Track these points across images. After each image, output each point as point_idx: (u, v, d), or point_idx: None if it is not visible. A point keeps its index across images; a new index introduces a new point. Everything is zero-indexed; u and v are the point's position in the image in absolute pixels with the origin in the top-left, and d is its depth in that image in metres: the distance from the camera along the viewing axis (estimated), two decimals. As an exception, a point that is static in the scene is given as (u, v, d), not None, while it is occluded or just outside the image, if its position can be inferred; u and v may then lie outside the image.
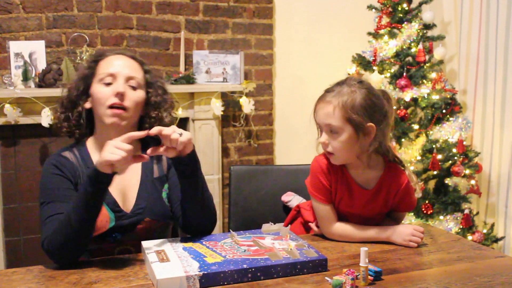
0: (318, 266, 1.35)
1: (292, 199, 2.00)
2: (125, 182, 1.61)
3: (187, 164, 1.48)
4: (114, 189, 1.56)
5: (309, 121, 1.67)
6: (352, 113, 1.52)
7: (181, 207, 1.59)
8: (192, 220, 1.57)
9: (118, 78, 1.60)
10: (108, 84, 1.60)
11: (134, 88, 1.62)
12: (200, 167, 1.55)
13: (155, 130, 1.40)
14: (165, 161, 1.69)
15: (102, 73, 1.61)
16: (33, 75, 2.87)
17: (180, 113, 3.11)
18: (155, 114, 1.67)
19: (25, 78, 2.84)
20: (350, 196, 1.63)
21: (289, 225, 1.71)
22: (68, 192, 1.54)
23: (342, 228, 1.62)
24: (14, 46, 2.87)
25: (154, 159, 1.68)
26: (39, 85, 2.84)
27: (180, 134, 1.41)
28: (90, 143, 1.66)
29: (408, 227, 1.60)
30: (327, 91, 1.60)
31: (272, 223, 1.49)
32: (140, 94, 1.63)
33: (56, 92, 2.82)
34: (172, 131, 1.41)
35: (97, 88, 1.60)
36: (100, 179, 1.37)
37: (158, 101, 1.68)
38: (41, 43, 2.92)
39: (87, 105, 1.64)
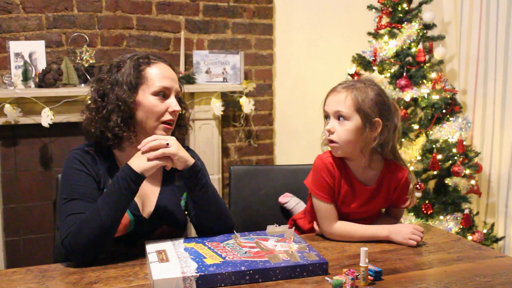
0: (319, 269, 1.34)
1: (289, 200, 1.99)
2: (146, 187, 1.59)
3: (187, 178, 1.52)
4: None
5: (309, 121, 1.67)
6: (363, 104, 1.56)
7: (195, 218, 1.61)
8: (207, 230, 1.58)
9: (171, 93, 1.58)
10: (162, 97, 1.57)
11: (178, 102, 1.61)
12: (206, 180, 1.56)
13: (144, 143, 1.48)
14: None
15: (157, 86, 1.55)
16: (33, 75, 2.87)
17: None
18: (180, 121, 1.67)
19: (25, 78, 2.84)
20: (352, 193, 1.65)
21: (294, 227, 1.71)
22: (92, 192, 1.52)
23: (342, 227, 1.63)
24: (14, 46, 2.87)
25: None
26: (39, 85, 2.84)
27: (167, 144, 1.48)
28: (117, 147, 1.61)
29: (408, 226, 1.61)
30: (340, 84, 1.64)
31: (277, 225, 1.49)
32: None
33: (56, 92, 2.83)
34: (154, 139, 1.48)
35: (151, 101, 1.55)
36: (138, 183, 1.44)
37: (185, 109, 1.69)
38: (41, 43, 2.92)
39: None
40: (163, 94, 1.56)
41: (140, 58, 1.59)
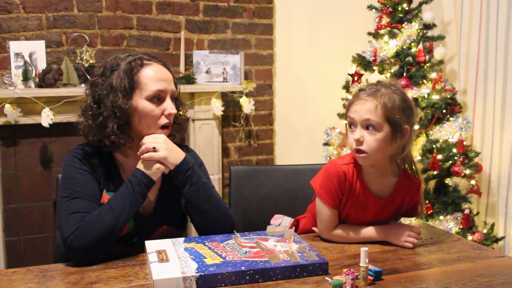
0: (319, 269, 1.34)
1: (282, 221, 1.94)
2: None
3: (176, 175, 1.55)
4: None
5: (309, 121, 1.65)
6: (393, 112, 1.50)
7: (191, 218, 1.62)
8: (205, 229, 1.59)
9: (166, 96, 1.56)
10: (157, 101, 1.54)
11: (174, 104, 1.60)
12: (198, 178, 1.56)
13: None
14: None
15: (151, 90, 1.52)
16: (33, 75, 2.87)
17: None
18: (175, 119, 1.66)
19: (25, 78, 2.84)
20: (363, 206, 1.60)
21: (294, 227, 1.70)
22: (93, 191, 1.52)
23: (340, 232, 1.61)
24: (14, 46, 2.87)
25: None
26: (39, 85, 2.85)
27: (154, 149, 1.51)
28: (117, 150, 1.60)
29: (405, 227, 1.59)
30: (361, 90, 1.57)
31: (278, 225, 1.48)
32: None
33: (56, 92, 2.83)
34: (148, 143, 1.52)
35: (146, 106, 1.52)
36: (149, 187, 1.51)
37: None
38: (41, 43, 2.92)
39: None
40: (158, 97, 1.54)
41: (133, 61, 1.55)
